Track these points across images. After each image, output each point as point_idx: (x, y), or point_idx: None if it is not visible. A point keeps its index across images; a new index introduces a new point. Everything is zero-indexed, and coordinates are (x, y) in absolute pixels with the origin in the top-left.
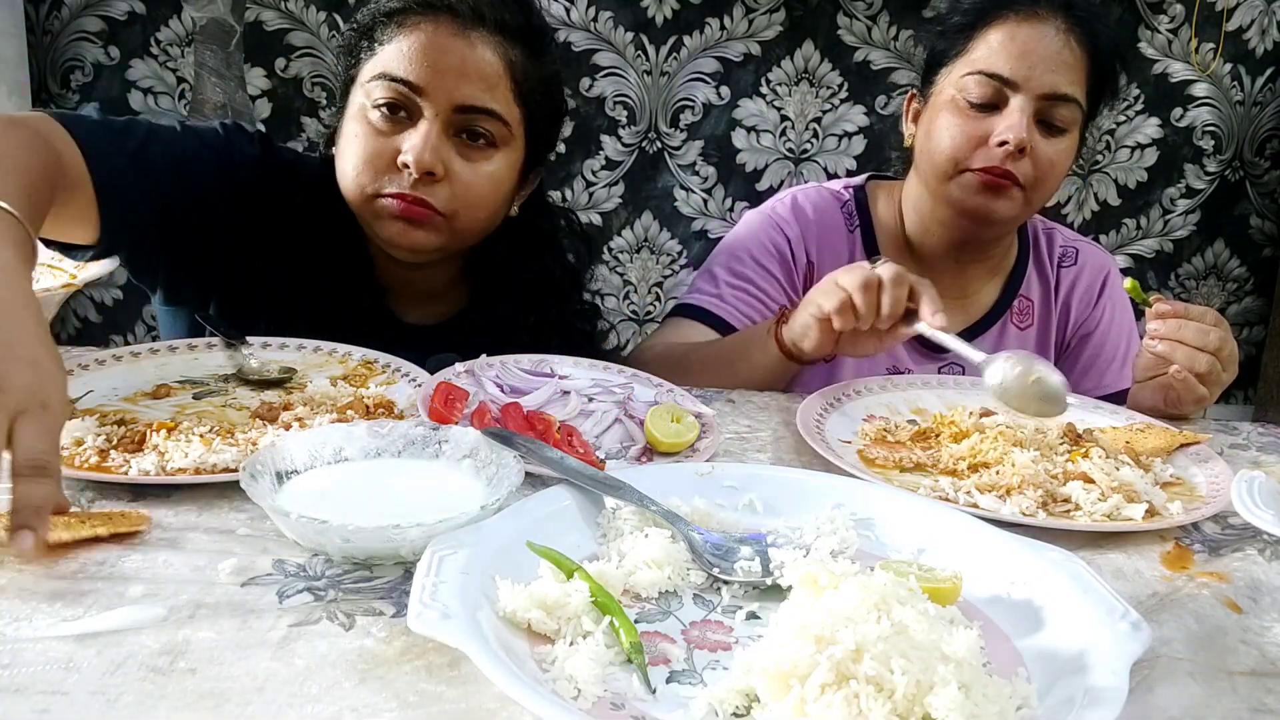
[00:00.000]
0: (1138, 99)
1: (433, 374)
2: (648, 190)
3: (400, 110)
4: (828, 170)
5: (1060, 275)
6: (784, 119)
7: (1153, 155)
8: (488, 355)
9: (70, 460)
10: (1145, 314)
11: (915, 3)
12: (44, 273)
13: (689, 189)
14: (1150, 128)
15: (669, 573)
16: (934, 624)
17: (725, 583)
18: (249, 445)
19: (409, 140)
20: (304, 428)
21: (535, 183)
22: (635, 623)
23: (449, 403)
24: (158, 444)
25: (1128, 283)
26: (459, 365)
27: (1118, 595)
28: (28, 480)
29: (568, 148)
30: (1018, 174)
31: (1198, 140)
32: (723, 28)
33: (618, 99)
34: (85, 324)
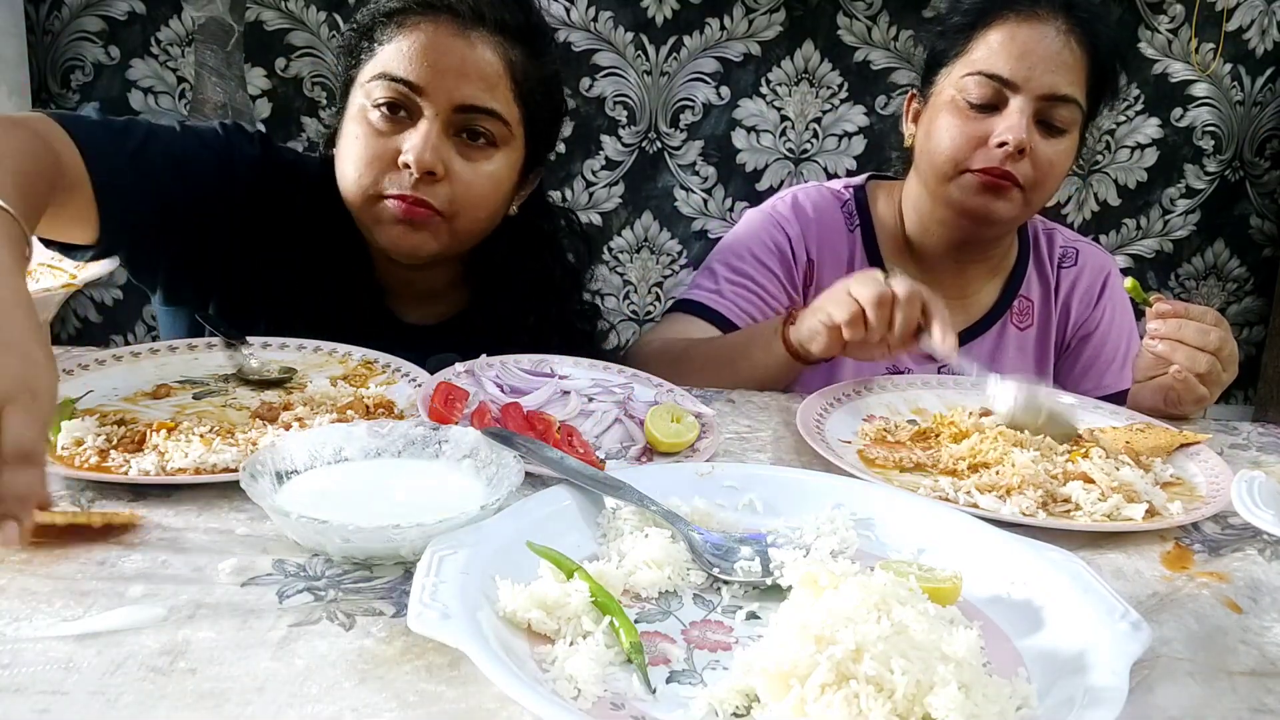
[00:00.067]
0: (1138, 99)
1: (433, 374)
2: (648, 190)
3: (400, 110)
4: (828, 170)
5: (1060, 276)
6: (784, 119)
7: (1153, 155)
8: (488, 355)
9: (70, 460)
10: (1145, 314)
11: (915, 3)
12: (44, 273)
13: (689, 189)
14: (1150, 128)
15: (669, 573)
16: (934, 624)
17: (725, 583)
18: (249, 445)
19: (409, 140)
20: (304, 428)
21: (535, 182)
22: (635, 623)
23: (449, 403)
24: (158, 444)
25: (1128, 283)
26: (459, 365)
27: (1118, 595)
28: (13, 470)
29: (568, 148)
30: (1017, 175)
31: (1198, 140)
32: (723, 28)
33: (618, 99)
34: (85, 324)
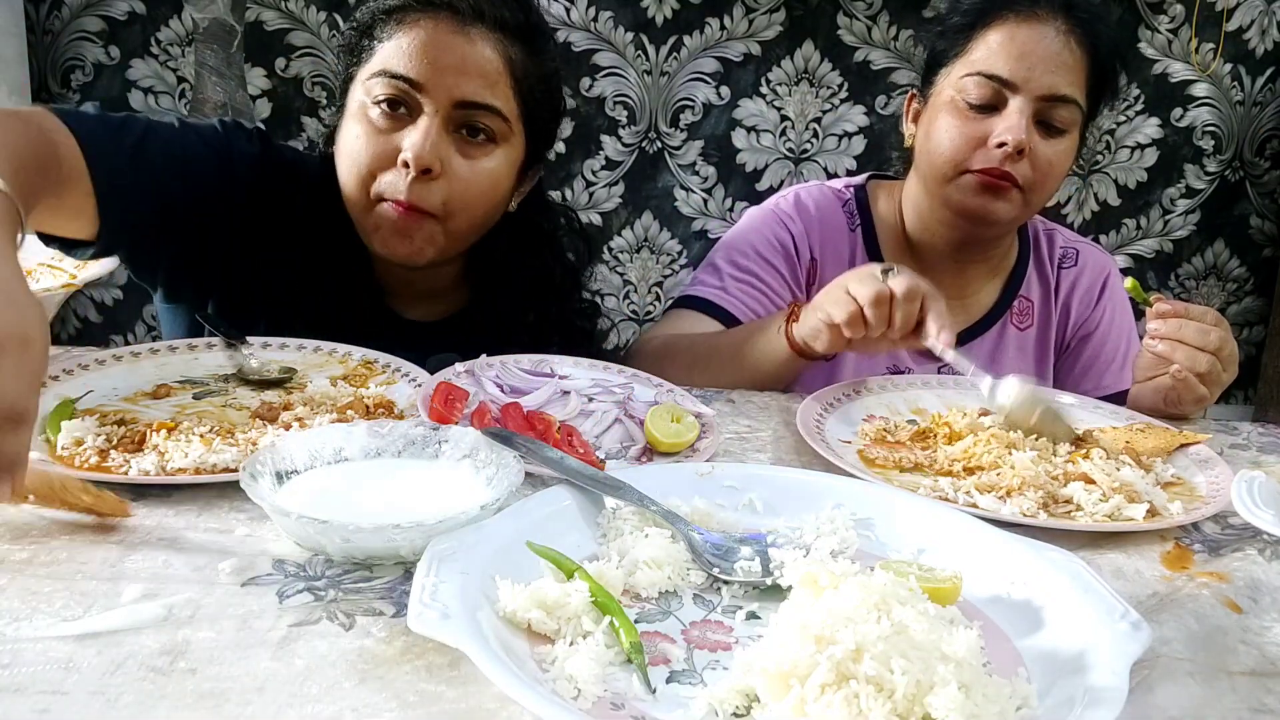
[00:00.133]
0: (1138, 99)
1: (433, 374)
2: (648, 190)
3: (400, 107)
4: (828, 170)
5: (1060, 276)
6: (784, 119)
7: (1153, 155)
8: (488, 355)
9: (70, 460)
10: (1145, 314)
11: (915, 3)
12: (44, 273)
13: (689, 189)
14: (1150, 128)
15: (669, 573)
16: (934, 624)
17: (725, 583)
18: (249, 445)
19: (409, 137)
20: (304, 428)
21: (534, 180)
22: (635, 623)
23: (449, 403)
24: (158, 444)
25: (1128, 283)
26: (459, 365)
27: (1118, 595)
28: (2, 433)
29: (568, 148)
30: (1017, 175)
31: (1198, 140)
32: (723, 28)
33: (618, 99)
34: (85, 324)
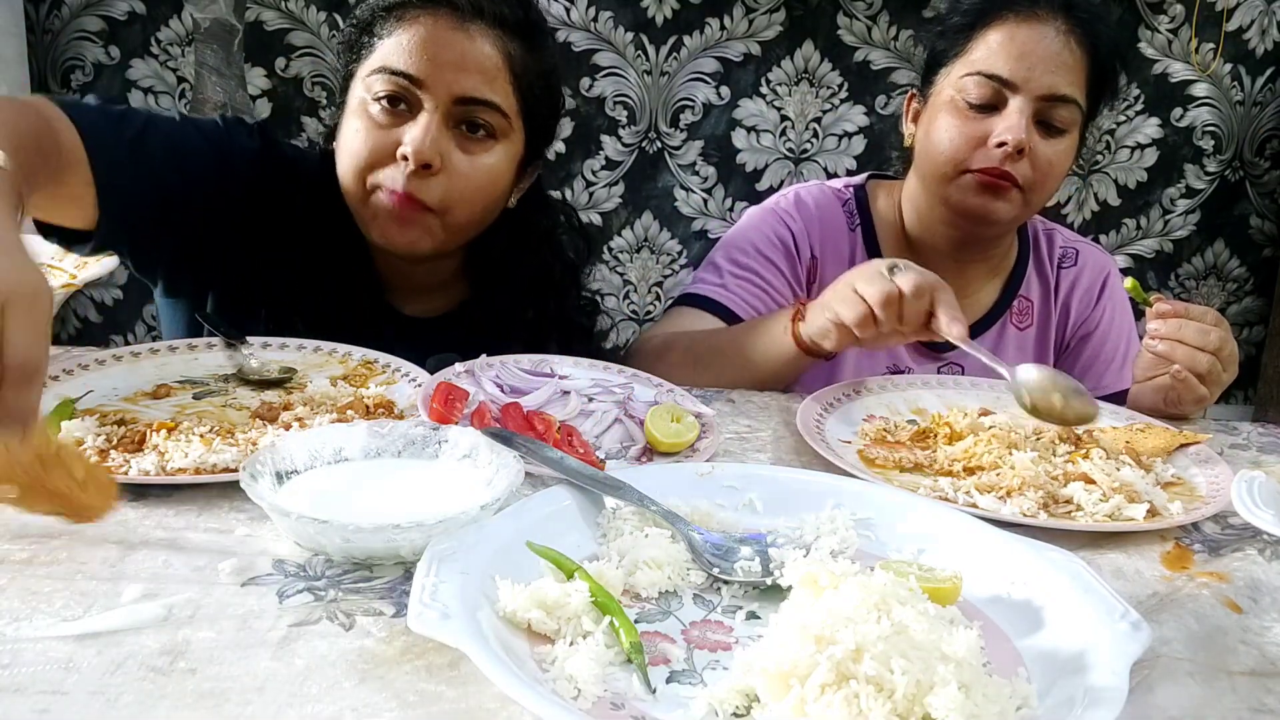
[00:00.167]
0: (1138, 99)
1: (433, 374)
2: (648, 190)
3: (400, 103)
4: (828, 170)
5: (1060, 276)
6: (784, 119)
7: (1153, 155)
8: (488, 354)
9: None
10: (1145, 314)
11: (915, 3)
12: (44, 272)
13: (689, 189)
14: (1150, 128)
15: (669, 573)
16: (934, 624)
17: (725, 583)
18: (249, 445)
19: (409, 132)
20: (304, 428)
21: (534, 176)
22: (635, 623)
23: (449, 403)
24: (158, 444)
25: (1128, 283)
26: (459, 365)
27: (1118, 595)
28: (15, 387)
29: (568, 148)
30: (1017, 175)
31: (1198, 140)
32: (723, 28)
33: (618, 99)
34: (85, 324)
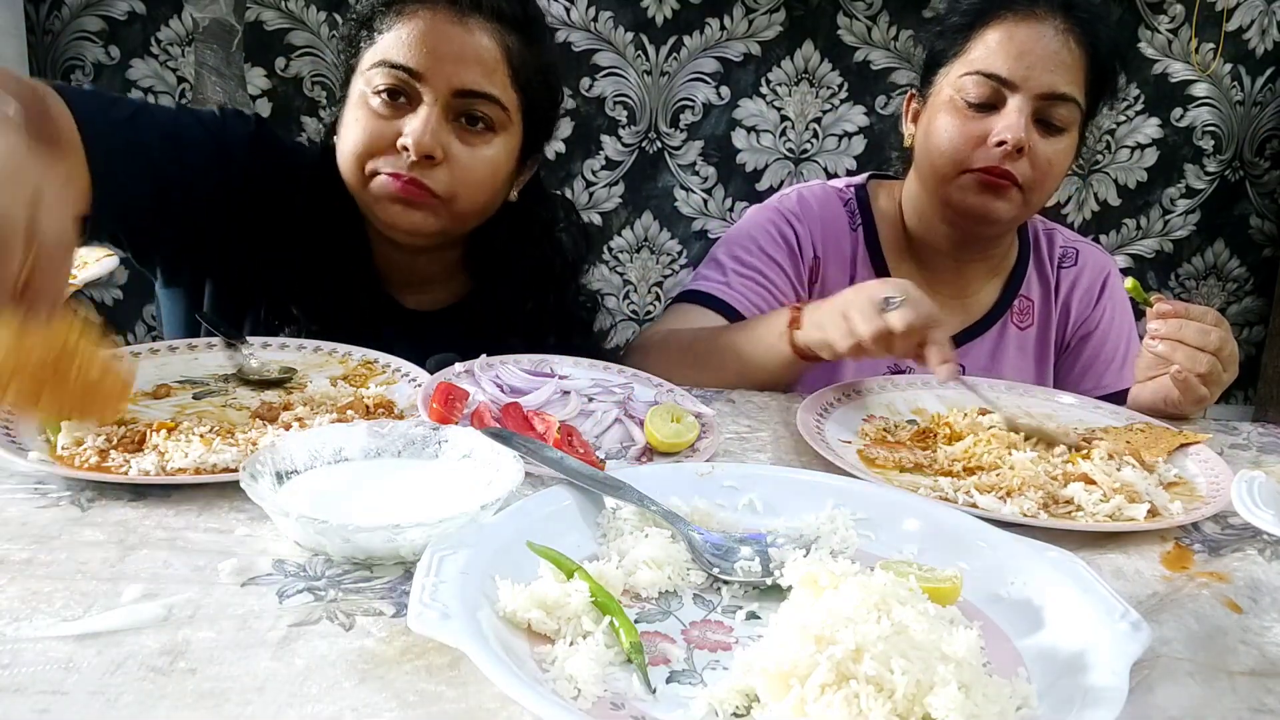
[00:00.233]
0: (1138, 99)
1: (433, 374)
2: (648, 190)
3: (400, 96)
4: (828, 170)
5: (1060, 275)
6: (784, 119)
7: (1153, 155)
8: (488, 347)
9: (70, 460)
10: (1145, 314)
11: (915, 3)
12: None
13: (689, 189)
14: (1150, 128)
15: (669, 573)
16: (934, 624)
17: (725, 583)
18: (249, 445)
19: (409, 124)
20: (304, 428)
21: (533, 169)
22: (635, 623)
23: (449, 403)
24: (158, 444)
25: (1128, 283)
26: (459, 365)
27: (1118, 595)
28: (44, 271)
29: (568, 148)
30: (1016, 174)
31: (1198, 140)
32: (723, 28)
33: (618, 99)
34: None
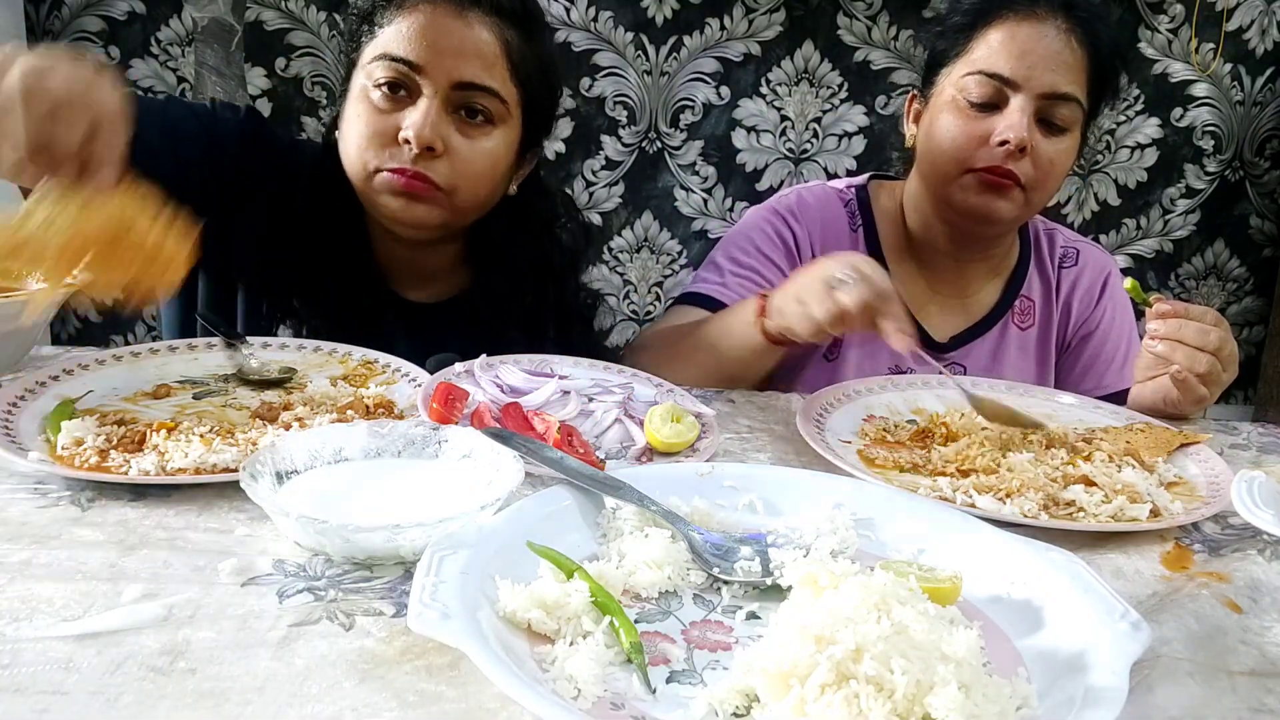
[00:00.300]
0: (1138, 99)
1: (433, 374)
2: (648, 190)
3: (401, 89)
4: (828, 170)
5: (1061, 276)
6: (784, 119)
7: (1153, 155)
8: (488, 341)
9: (70, 460)
10: (1145, 314)
11: (915, 3)
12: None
13: (689, 189)
14: (1150, 128)
15: (669, 573)
16: (934, 624)
17: (725, 583)
18: (249, 445)
19: (410, 117)
20: (304, 428)
21: (532, 163)
22: (635, 623)
23: (449, 403)
24: (158, 444)
25: (1128, 283)
26: (459, 365)
27: (1118, 595)
28: (105, 136)
29: (568, 148)
30: (1019, 174)
31: (1198, 140)
32: (723, 28)
33: (618, 99)
34: (85, 324)
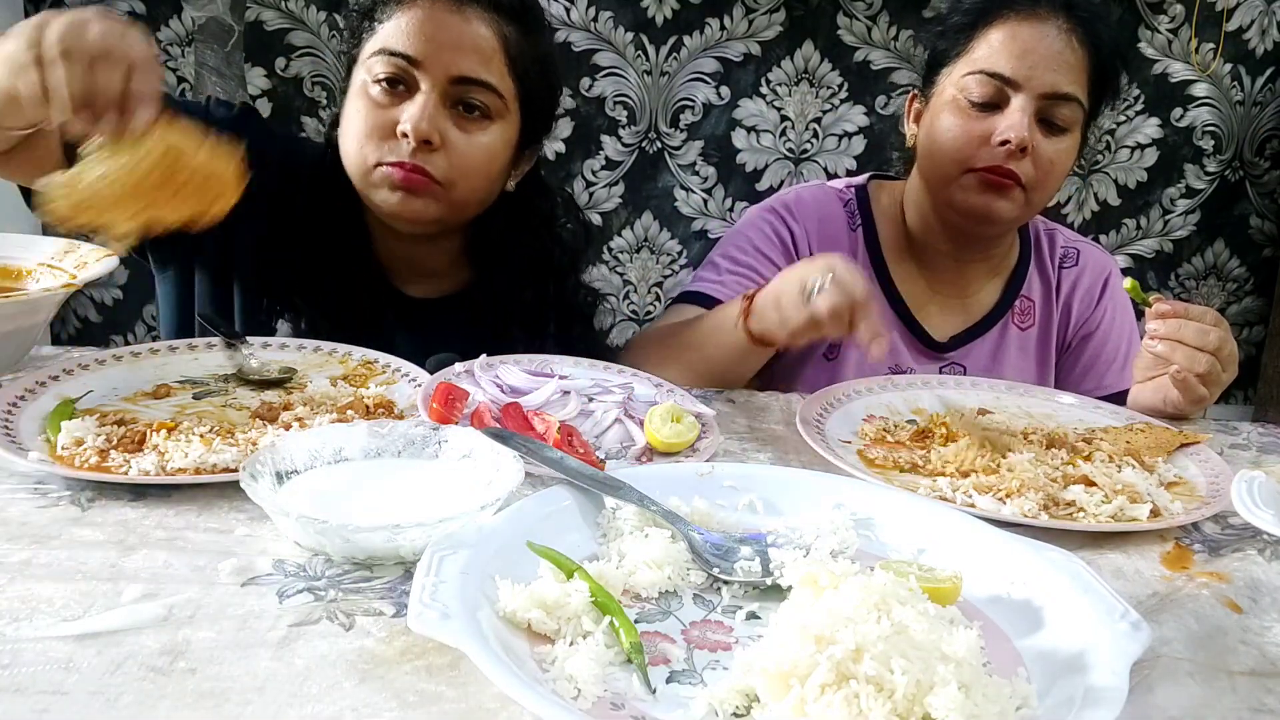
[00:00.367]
0: (1138, 99)
1: (433, 374)
2: (648, 190)
3: (399, 84)
4: (828, 170)
5: (1061, 276)
6: (784, 119)
7: (1153, 155)
8: (488, 337)
9: (70, 460)
10: (1145, 314)
11: (915, 3)
12: (44, 273)
13: (689, 189)
14: (1150, 128)
15: (669, 573)
16: (934, 624)
17: (725, 583)
18: (249, 445)
19: (407, 110)
20: (304, 428)
21: (531, 160)
22: (635, 623)
23: (449, 403)
24: (158, 444)
25: (1128, 283)
26: (459, 365)
27: (1118, 595)
28: (142, 74)
29: (568, 148)
30: (1019, 174)
31: (1198, 140)
32: (723, 28)
33: (618, 99)
34: (85, 324)
